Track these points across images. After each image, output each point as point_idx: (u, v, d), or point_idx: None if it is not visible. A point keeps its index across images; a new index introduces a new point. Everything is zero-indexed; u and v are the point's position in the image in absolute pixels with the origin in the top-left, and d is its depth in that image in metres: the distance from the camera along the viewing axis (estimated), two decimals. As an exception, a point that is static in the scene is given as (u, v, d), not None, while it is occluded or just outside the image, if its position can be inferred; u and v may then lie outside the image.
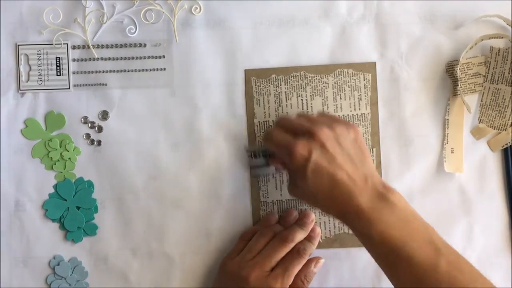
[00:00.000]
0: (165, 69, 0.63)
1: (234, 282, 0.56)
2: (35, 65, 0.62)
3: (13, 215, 0.62)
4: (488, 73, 0.62)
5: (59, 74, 0.62)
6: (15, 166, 0.62)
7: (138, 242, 0.62)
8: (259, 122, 0.62)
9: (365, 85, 0.63)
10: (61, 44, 0.62)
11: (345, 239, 0.62)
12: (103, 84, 0.63)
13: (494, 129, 0.62)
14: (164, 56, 0.63)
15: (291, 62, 0.63)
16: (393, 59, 0.63)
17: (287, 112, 0.62)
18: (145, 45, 0.63)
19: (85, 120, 0.62)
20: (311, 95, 0.62)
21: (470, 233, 0.62)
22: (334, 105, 0.62)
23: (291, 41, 0.63)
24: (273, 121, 0.62)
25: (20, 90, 0.62)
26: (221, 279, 0.58)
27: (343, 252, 0.62)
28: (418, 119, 0.63)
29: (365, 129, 0.62)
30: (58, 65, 0.62)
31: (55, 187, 0.62)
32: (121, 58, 0.63)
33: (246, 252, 0.58)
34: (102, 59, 0.63)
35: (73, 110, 0.62)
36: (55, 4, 0.62)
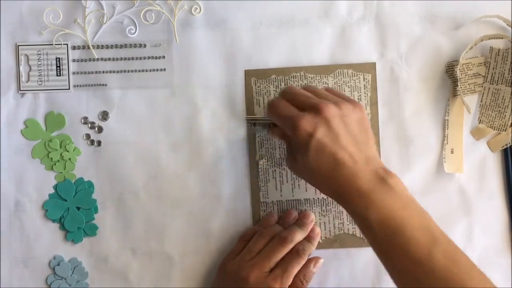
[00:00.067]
0: (165, 69, 0.63)
1: (234, 283, 0.56)
2: (35, 65, 0.62)
3: (13, 215, 0.62)
4: (488, 73, 0.62)
5: (59, 74, 0.62)
6: (15, 167, 0.62)
7: (138, 242, 0.62)
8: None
9: (365, 85, 0.63)
10: (61, 44, 0.62)
11: (345, 239, 0.62)
12: (103, 85, 0.63)
13: (494, 129, 0.62)
14: (164, 57, 0.63)
15: (291, 63, 0.63)
16: (393, 59, 0.63)
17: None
18: (145, 45, 0.63)
19: (85, 121, 0.62)
20: (311, 95, 0.62)
21: (470, 233, 0.62)
22: (334, 105, 0.62)
23: (291, 41, 0.63)
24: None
25: (20, 90, 0.62)
26: (221, 280, 0.58)
27: (343, 252, 0.62)
28: (418, 120, 0.63)
29: (365, 129, 0.62)
30: (58, 65, 0.62)
31: (55, 187, 0.62)
32: (121, 59, 0.63)
33: (245, 253, 0.58)
34: (102, 59, 0.63)
35: (73, 110, 0.62)
36: (55, 5, 0.62)
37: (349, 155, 0.51)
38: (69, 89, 0.62)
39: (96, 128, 0.62)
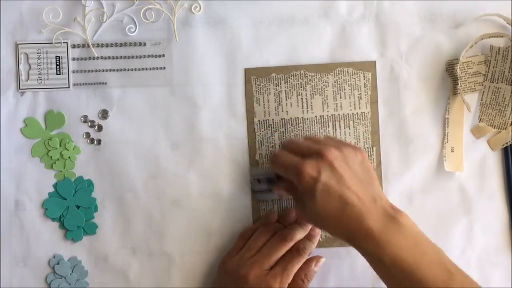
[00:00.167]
0: (165, 68, 0.63)
1: (233, 281, 0.56)
2: (35, 64, 0.62)
3: (13, 214, 0.62)
4: (488, 72, 0.62)
5: (59, 73, 0.62)
6: (15, 165, 0.62)
7: (138, 241, 0.62)
8: (259, 121, 0.62)
9: (365, 84, 0.63)
10: (61, 43, 0.62)
11: (345, 238, 0.62)
12: (103, 83, 0.63)
13: (494, 128, 0.62)
14: (164, 55, 0.63)
15: (291, 61, 0.63)
16: (393, 58, 0.63)
17: (287, 111, 0.62)
18: (145, 44, 0.63)
19: (85, 119, 0.62)
20: (311, 94, 0.62)
21: (470, 232, 0.62)
22: (334, 104, 0.62)
23: (291, 40, 0.63)
24: (273, 120, 0.62)
25: (20, 89, 0.62)
26: (221, 278, 0.58)
27: (343, 251, 0.62)
28: (418, 118, 0.63)
29: (365, 128, 0.62)
30: (58, 64, 0.62)
31: (55, 186, 0.62)
32: (121, 57, 0.63)
33: (245, 251, 0.58)
34: (102, 58, 0.63)
35: (73, 109, 0.62)
36: (55, 3, 0.62)
37: (356, 194, 0.51)
38: (69, 87, 0.62)
39: (96, 127, 0.62)
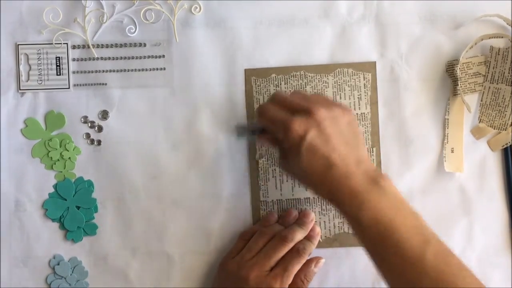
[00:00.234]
0: (165, 68, 0.63)
1: (234, 282, 0.56)
2: (35, 64, 0.62)
3: (13, 215, 0.62)
4: (488, 72, 0.62)
5: (59, 73, 0.62)
6: (15, 166, 0.62)
7: (138, 241, 0.62)
8: (259, 121, 0.63)
9: (365, 84, 0.63)
10: (61, 43, 0.62)
11: (345, 239, 0.62)
12: (103, 84, 0.63)
13: (494, 128, 0.62)
14: (164, 56, 0.63)
15: (291, 62, 0.63)
16: (393, 59, 0.63)
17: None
18: (145, 44, 0.63)
19: (85, 120, 0.62)
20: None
21: (470, 233, 0.62)
22: (334, 104, 0.62)
23: (291, 40, 0.63)
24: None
25: (20, 89, 0.62)
26: (221, 279, 0.58)
27: (343, 252, 0.62)
28: (418, 119, 0.63)
29: (365, 128, 0.62)
30: (58, 64, 0.62)
31: (55, 186, 0.62)
32: (121, 58, 0.63)
33: (245, 252, 0.58)
34: (102, 58, 0.63)
35: (73, 109, 0.62)
36: (55, 4, 0.62)
37: (340, 156, 0.51)
38: (69, 88, 0.62)
39: (96, 127, 0.62)
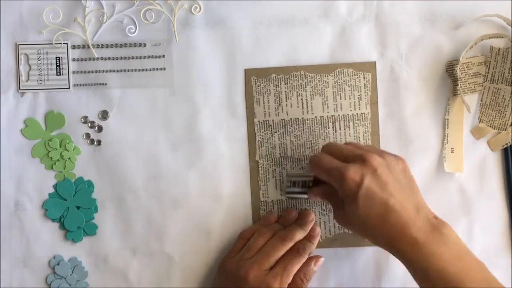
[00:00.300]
0: (165, 68, 0.63)
1: (233, 281, 0.56)
2: (35, 64, 0.62)
3: (13, 215, 0.62)
4: (488, 72, 0.62)
5: (59, 73, 0.62)
6: (15, 166, 0.62)
7: (138, 242, 0.62)
8: (259, 121, 0.63)
9: (365, 84, 0.63)
10: (61, 43, 0.62)
11: (345, 239, 0.62)
12: (103, 84, 0.63)
13: (494, 128, 0.62)
14: (164, 56, 0.63)
15: (291, 62, 0.63)
16: (393, 58, 0.63)
17: (287, 112, 0.62)
18: (145, 44, 0.63)
19: (85, 120, 0.62)
20: (311, 94, 0.62)
21: (470, 233, 0.62)
22: (334, 104, 0.62)
23: (291, 40, 0.63)
24: (273, 120, 0.62)
25: (20, 89, 0.62)
26: (221, 278, 0.58)
27: (343, 252, 0.62)
28: (418, 119, 0.63)
29: (365, 128, 0.62)
30: (58, 64, 0.62)
31: (55, 186, 0.62)
32: (121, 58, 0.63)
33: (245, 251, 0.58)
34: (102, 58, 0.63)
35: (73, 109, 0.62)
36: (55, 4, 0.62)
37: (399, 202, 0.50)
38: (69, 88, 0.62)
39: (96, 128, 0.62)
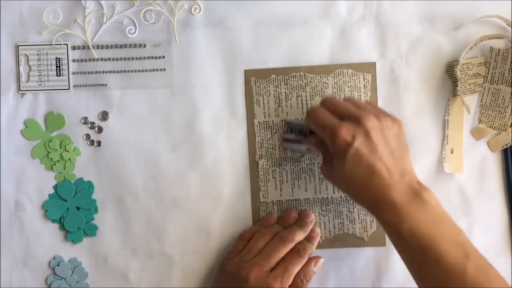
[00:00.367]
0: (165, 69, 0.63)
1: (234, 282, 0.56)
2: (35, 65, 0.62)
3: (13, 215, 0.62)
4: (488, 73, 0.62)
5: (59, 74, 0.62)
6: (15, 167, 0.62)
7: (138, 242, 0.62)
8: (259, 122, 0.63)
9: (364, 85, 0.63)
10: (61, 44, 0.62)
11: (345, 239, 0.62)
12: (103, 85, 0.63)
13: (494, 129, 0.62)
14: (164, 57, 0.63)
15: (291, 63, 0.63)
16: (393, 59, 0.63)
17: (287, 113, 0.62)
18: (145, 45, 0.63)
19: (85, 121, 0.62)
20: (310, 95, 0.62)
21: (470, 233, 0.62)
22: (334, 105, 0.62)
23: (291, 41, 0.63)
24: (273, 121, 0.62)
25: (20, 90, 0.62)
26: (221, 279, 0.58)
27: (343, 252, 0.62)
28: (418, 119, 0.63)
29: (365, 129, 0.62)
30: (58, 65, 0.62)
31: (55, 187, 0.62)
32: (121, 59, 0.63)
33: (245, 252, 0.58)
34: (102, 59, 0.63)
35: (73, 110, 0.62)
36: (55, 5, 0.62)
37: (385, 166, 0.51)
38: (69, 89, 0.62)
39: (96, 128, 0.62)
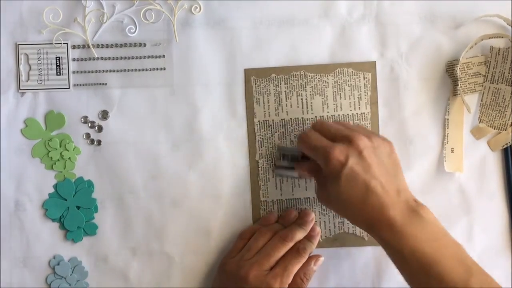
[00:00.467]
0: (165, 68, 0.63)
1: (233, 282, 0.56)
2: (35, 64, 0.62)
3: (13, 215, 0.62)
4: (488, 72, 0.62)
5: (59, 73, 0.62)
6: (15, 166, 0.62)
7: (138, 241, 0.62)
8: (259, 121, 0.63)
9: (365, 84, 0.63)
10: (61, 43, 0.62)
11: (345, 239, 0.62)
12: (103, 84, 0.63)
13: (494, 128, 0.62)
14: (164, 56, 0.63)
15: (291, 62, 0.63)
16: (393, 58, 0.63)
17: (287, 112, 0.62)
18: (145, 44, 0.63)
19: (85, 120, 0.62)
20: (311, 94, 0.62)
21: (470, 233, 0.62)
22: (334, 104, 0.62)
23: (291, 40, 0.63)
24: (273, 120, 0.62)
25: (20, 89, 0.62)
26: (221, 279, 0.58)
27: (343, 252, 0.62)
28: (418, 119, 0.63)
29: (365, 128, 0.62)
30: (58, 64, 0.62)
31: (55, 186, 0.62)
32: (121, 58, 0.63)
33: (245, 251, 0.58)
34: (102, 58, 0.63)
35: (73, 109, 0.62)
36: (55, 4, 0.62)
37: (380, 184, 0.51)
38: (69, 88, 0.62)
39: (96, 127, 0.62)
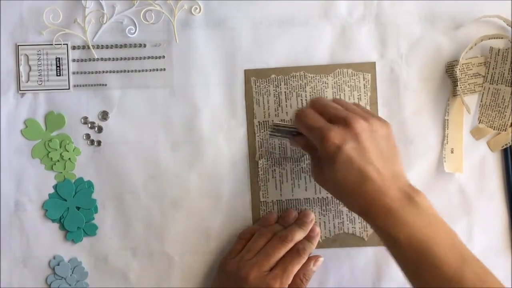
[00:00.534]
0: (165, 69, 0.63)
1: (233, 282, 0.56)
2: (35, 65, 0.62)
3: (13, 215, 0.62)
4: (488, 73, 0.62)
5: (59, 74, 0.62)
6: (15, 166, 0.62)
7: (138, 242, 0.62)
8: (259, 122, 0.63)
9: (364, 85, 0.63)
10: (61, 44, 0.62)
11: (345, 239, 0.62)
12: (103, 85, 0.63)
13: (494, 129, 0.62)
14: (164, 57, 0.63)
15: (291, 62, 0.63)
16: (393, 59, 0.63)
17: (287, 112, 0.62)
18: (145, 45, 0.63)
19: (85, 121, 0.62)
20: (310, 95, 0.62)
21: (470, 233, 0.62)
22: (334, 105, 0.62)
23: (290, 41, 0.63)
24: (272, 120, 0.62)
25: (20, 90, 0.62)
26: (220, 279, 0.58)
27: (343, 252, 0.62)
28: (418, 119, 0.63)
29: (365, 129, 0.62)
30: (58, 65, 0.62)
31: (55, 187, 0.62)
32: (121, 59, 0.63)
33: (245, 252, 0.58)
34: (102, 59, 0.63)
35: (73, 110, 0.62)
36: (55, 5, 0.62)
37: (376, 170, 0.50)
38: (69, 89, 0.62)
39: (96, 128, 0.62)
